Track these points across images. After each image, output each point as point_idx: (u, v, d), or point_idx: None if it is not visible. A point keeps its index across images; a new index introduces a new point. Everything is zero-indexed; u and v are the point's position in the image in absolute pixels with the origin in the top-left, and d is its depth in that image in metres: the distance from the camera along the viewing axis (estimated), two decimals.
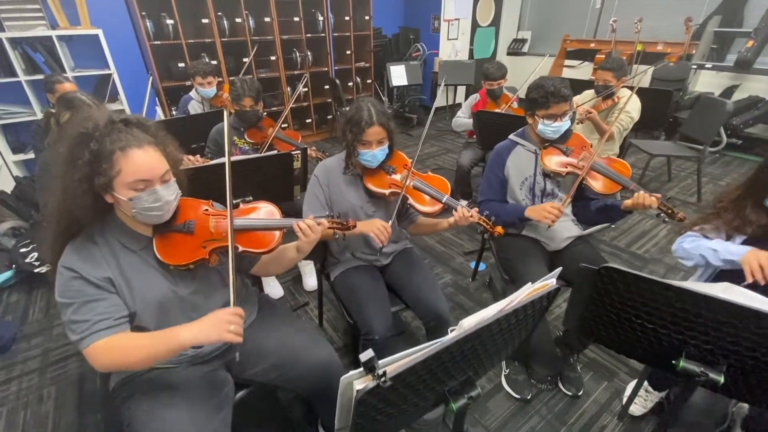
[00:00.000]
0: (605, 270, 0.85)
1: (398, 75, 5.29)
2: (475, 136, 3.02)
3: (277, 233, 1.09)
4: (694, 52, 4.53)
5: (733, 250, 1.16)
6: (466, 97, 3.28)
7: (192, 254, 1.02)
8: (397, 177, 1.45)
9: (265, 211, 1.14)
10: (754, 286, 1.06)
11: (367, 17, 5.16)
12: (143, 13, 3.66)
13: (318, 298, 1.98)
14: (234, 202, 1.65)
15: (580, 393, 1.64)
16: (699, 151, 3.20)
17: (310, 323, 2.08)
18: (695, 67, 4.48)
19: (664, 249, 2.64)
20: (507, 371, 1.71)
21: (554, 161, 1.57)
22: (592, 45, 5.68)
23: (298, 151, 1.79)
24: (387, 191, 1.41)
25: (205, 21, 4.02)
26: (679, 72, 4.52)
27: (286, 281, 2.39)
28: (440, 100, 6.38)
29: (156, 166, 0.94)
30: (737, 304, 0.71)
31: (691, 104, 4.36)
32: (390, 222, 1.42)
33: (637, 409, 1.54)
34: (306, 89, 4.96)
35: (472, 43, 6.34)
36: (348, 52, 5.18)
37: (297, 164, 1.78)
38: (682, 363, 0.83)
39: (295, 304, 2.20)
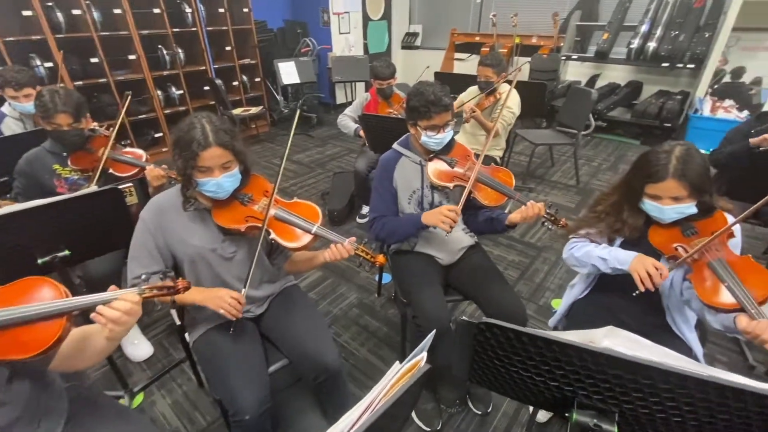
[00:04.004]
0: (485, 325, 0.71)
1: (288, 72, 4.92)
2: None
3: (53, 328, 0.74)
4: (562, 44, 4.95)
5: (621, 258, 1.15)
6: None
7: None
8: (256, 207, 1.18)
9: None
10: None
11: (245, 9, 4.67)
12: None
13: (187, 356, 1.62)
14: (41, 261, 1.25)
15: (489, 409, 1.57)
16: (574, 136, 3.47)
17: (187, 384, 1.72)
18: (564, 58, 4.89)
19: (554, 236, 2.77)
20: None
21: (441, 174, 1.44)
22: (477, 38, 5.92)
23: (129, 184, 1.41)
24: (243, 226, 1.14)
25: (27, 13, 3.21)
26: (551, 63, 4.91)
27: (157, 335, 1.97)
28: (340, 97, 6.17)
29: None
30: (622, 358, 0.61)
31: (564, 92, 4.76)
32: (252, 265, 1.16)
33: (542, 415, 1.52)
34: (181, 92, 4.34)
35: (365, 37, 6.19)
36: (228, 49, 4.64)
37: (132, 199, 1.40)
38: (576, 416, 0.73)
39: (168, 363, 1.81)
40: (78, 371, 0.96)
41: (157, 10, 3.89)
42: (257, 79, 5.06)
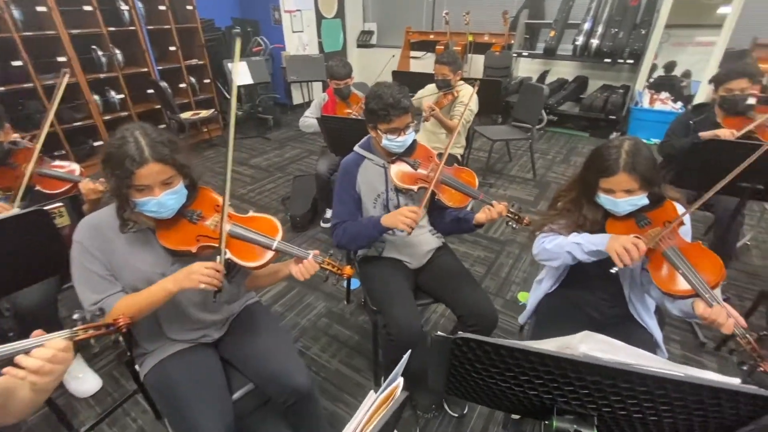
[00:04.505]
0: (462, 340, 0.68)
1: (240, 73, 4.70)
2: None
3: None
4: (513, 42, 5.09)
5: (595, 241, 1.14)
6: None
7: None
8: (208, 224, 1.08)
9: None
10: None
11: (189, 7, 4.41)
12: None
13: (140, 388, 1.48)
14: None
15: (465, 411, 1.57)
16: (528, 131, 3.57)
17: (143, 417, 1.57)
18: (515, 55, 5.04)
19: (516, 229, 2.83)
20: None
21: (404, 176, 1.41)
22: (432, 36, 5.97)
23: (60, 204, 1.26)
24: (194, 247, 1.04)
25: None
26: (504, 60, 5.04)
27: (106, 365, 1.79)
28: (297, 98, 6.01)
29: None
30: (601, 364, 0.60)
31: (517, 88, 4.91)
32: (221, 234, 1.04)
33: None
34: (122, 96, 4.02)
35: (320, 35, 6.05)
36: (172, 49, 4.36)
37: (62, 220, 1.25)
38: (556, 423, 0.72)
39: (120, 396, 1.65)
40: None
41: (88, 8, 3.57)
42: (207, 81, 4.80)
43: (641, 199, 1.13)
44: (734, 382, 0.57)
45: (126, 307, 0.96)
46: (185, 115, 4.29)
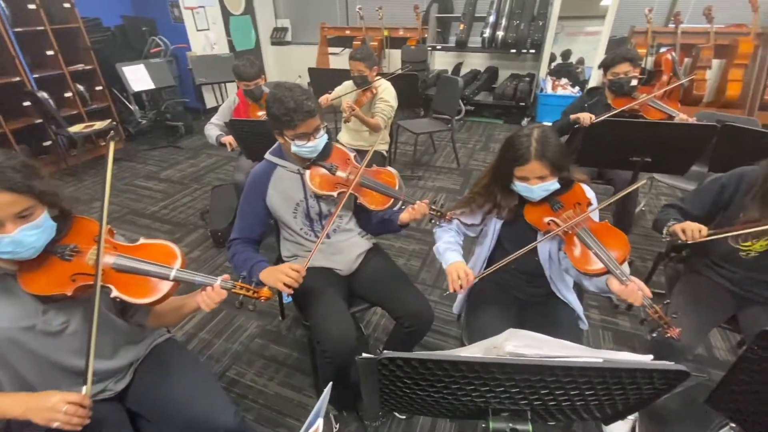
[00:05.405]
0: (388, 360, 0.62)
1: (138, 77, 4.23)
2: None
3: None
4: (426, 35, 5.21)
5: (446, 258, 1.27)
6: None
7: None
8: (87, 259, 0.90)
9: None
10: None
11: (66, 4, 3.84)
12: None
13: None
14: None
15: None
16: (449, 122, 3.68)
17: None
18: (430, 49, 5.16)
19: (439, 224, 2.90)
20: (337, 427, 1.46)
21: (322, 182, 1.33)
22: (347, 32, 5.89)
23: None
24: (69, 289, 0.85)
25: None
26: (420, 54, 5.14)
27: None
28: (210, 101, 5.58)
29: None
30: (527, 363, 0.59)
31: (435, 81, 5.04)
32: (89, 352, 0.83)
33: None
34: None
35: (228, 33, 5.67)
36: (50, 53, 3.78)
37: None
38: (492, 425, 0.70)
39: None
40: None
41: None
42: (99, 88, 4.24)
43: (553, 184, 1.18)
44: (646, 359, 0.59)
45: None
46: (76, 129, 3.75)
